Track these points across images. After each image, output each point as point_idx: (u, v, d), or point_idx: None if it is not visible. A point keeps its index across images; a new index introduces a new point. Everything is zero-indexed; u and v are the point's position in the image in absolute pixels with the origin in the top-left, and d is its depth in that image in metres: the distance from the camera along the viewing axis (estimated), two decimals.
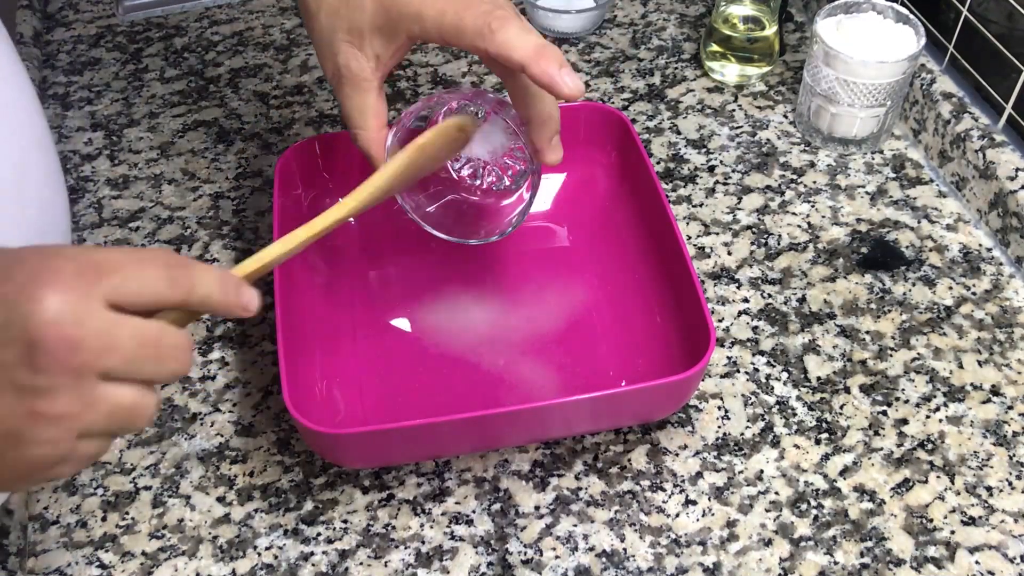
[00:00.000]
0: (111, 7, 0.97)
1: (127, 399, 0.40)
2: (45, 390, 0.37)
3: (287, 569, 0.58)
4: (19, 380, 0.37)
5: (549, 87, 0.51)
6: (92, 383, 0.38)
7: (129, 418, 0.40)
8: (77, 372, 0.37)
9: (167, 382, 0.41)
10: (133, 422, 0.40)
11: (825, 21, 0.77)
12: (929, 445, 0.62)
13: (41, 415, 0.37)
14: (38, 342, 0.37)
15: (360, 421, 0.62)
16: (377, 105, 0.57)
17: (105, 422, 0.39)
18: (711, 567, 0.57)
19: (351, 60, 0.55)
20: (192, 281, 0.41)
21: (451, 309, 0.69)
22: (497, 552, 0.58)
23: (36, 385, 0.37)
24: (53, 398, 0.37)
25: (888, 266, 0.72)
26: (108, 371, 0.39)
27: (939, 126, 0.77)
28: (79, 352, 0.37)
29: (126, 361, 0.39)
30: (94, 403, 0.39)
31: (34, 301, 0.37)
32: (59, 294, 0.37)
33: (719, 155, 0.80)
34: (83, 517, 0.60)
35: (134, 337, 0.39)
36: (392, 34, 0.54)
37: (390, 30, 0.54)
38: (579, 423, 0.61)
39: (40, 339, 0.37)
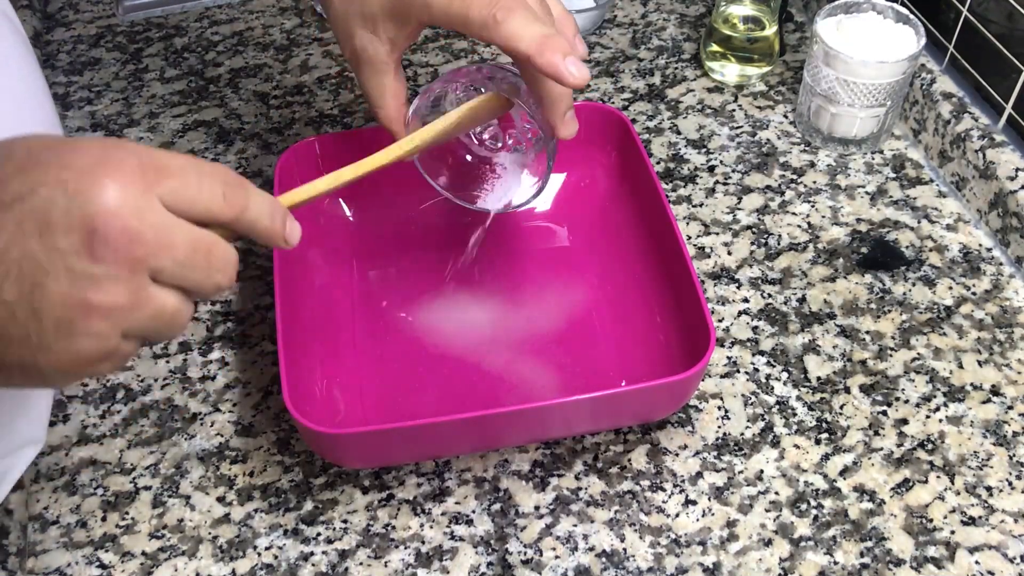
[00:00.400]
0: (111, 7, 0.97)
1: (170, 304, 0.40)
2: (100, 280, 0.37)
3: (287, 569, 0.58)
4: (75, 268, 0.36)
5: (555, 77, 0.51)
6: (144, 280, 0.38)
7: (168, 324, 0.40)
8: (132, 266, 0.37)
9: (209, 295, 0.42)
10: (170, 329, 0.40)
11: (825, 21, 0.77)
12: (929, 445, 0.62)
13: (94, 306, 0.37)
14: (98, 230, 0.36)
15: (360, 421, 0.62)
16: (395, 85, 0.58)
17: (146, 324, 0.39)
18: (711, 567, 0.57)
19: (367, 44, 0.57)
20: (246, 202, 0.41)
21: (451, 309, 0.69)
22: (497, 552, 0.58)
23: (92, 274, 0.37)
24: (107, 289, 0.37)
25: (888, 266, 0.72)
26: (160, 271, 0.39)
27: (939, 126, 0.77)
28: (137, 244, 0.37)
29: (178, 263, 0.39)
30: (143, 302, 0.38)
31: (96, 189, 0.37)
32: (121, 186, 0.37)
33: (719, 155, 0.80)
34: (83, 517, 0.60)
35: (188, 241, 0.39)
36: (403, 19, 0.55)
37: (401, 16, 0.55)
38: (579, 423, 0.61)
39: (100, 228, 0.36)
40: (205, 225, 0.41)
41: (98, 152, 0.38)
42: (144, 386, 0.67)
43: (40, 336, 0.37)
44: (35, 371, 0.38)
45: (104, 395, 0.66)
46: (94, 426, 0.65)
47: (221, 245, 0.41)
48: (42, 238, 0.36)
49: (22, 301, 0.36)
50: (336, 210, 0.72)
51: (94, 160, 0.37)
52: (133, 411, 0.66)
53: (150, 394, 0.66)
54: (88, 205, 0.36)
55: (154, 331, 0.40)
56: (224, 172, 0.41)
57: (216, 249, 0.41)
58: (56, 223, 0.36)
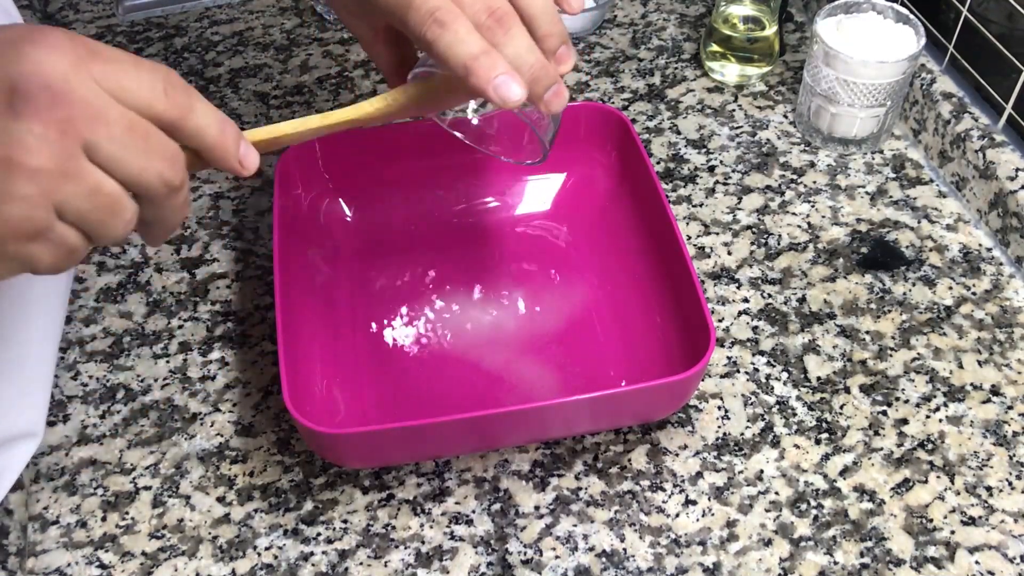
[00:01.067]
0: (111, 7, 0.97)
1: (109, 186, 0.38)
2: (23, 136, 0.35)
3: (287, 569, 0.58)
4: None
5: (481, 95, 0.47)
6: (75, 150, 0.37)
7: (108, 209, 0.38)
8: (60, 128, 0.36)
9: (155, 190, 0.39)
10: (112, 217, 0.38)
11: (825, 21, 0.77)
12: (929, 445, 0.62)
13: (17, 164, 0.36)
14: (19, 87, 0.35)
15: (360, 421, 0.62)
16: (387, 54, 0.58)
17: (83, 203, 0.37)
18: (711, 567, 0.57)
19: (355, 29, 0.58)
20: (190, 103, 0.40)
21: (451, 309, 0.69)
22: (497, 552, 0.58)
23: (15, 130, 0.35)
24: (30, 147, 0.36)
25: (888, 266, 0.72)
26: (94, 146, 0.37)
27: (939, 126, 0.77)
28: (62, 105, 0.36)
29: (111, 139, 0.37)
30: (75, 172, 0.37)
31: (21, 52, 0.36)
32: (47, 53, 0.36)
33: (719, 155, 0.80)
34: (83, 517, 0.60)
35: (123, 118, 0.37)
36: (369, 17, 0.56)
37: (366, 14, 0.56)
38: (579, 423, 0.61)
39: (22, 85, 0.35)
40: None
41: (28, 27, 0.37)
42: (144, 386, 0.67)
43: None
44: None
45: (104, 395, 0.66)
46: (94, 426, 0.65)
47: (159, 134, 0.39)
48: None
49: None
50: (336, 210, 0.72)
51: (24, 31, 0.37)
52: (133, 411, 0.66)
53: (150, 394, 0.66)
54: (10, 66, 0.36)
55: (93, 214, 0.38)
56: (167, 71, 0.39)
57: (155, 134, 0.38)
58: None
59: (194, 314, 0.71)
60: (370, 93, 0.86)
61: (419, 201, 0.73)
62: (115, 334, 0.70)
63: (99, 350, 0.69)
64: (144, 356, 0.69)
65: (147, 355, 0.69)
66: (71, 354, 0.68)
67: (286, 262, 0.63)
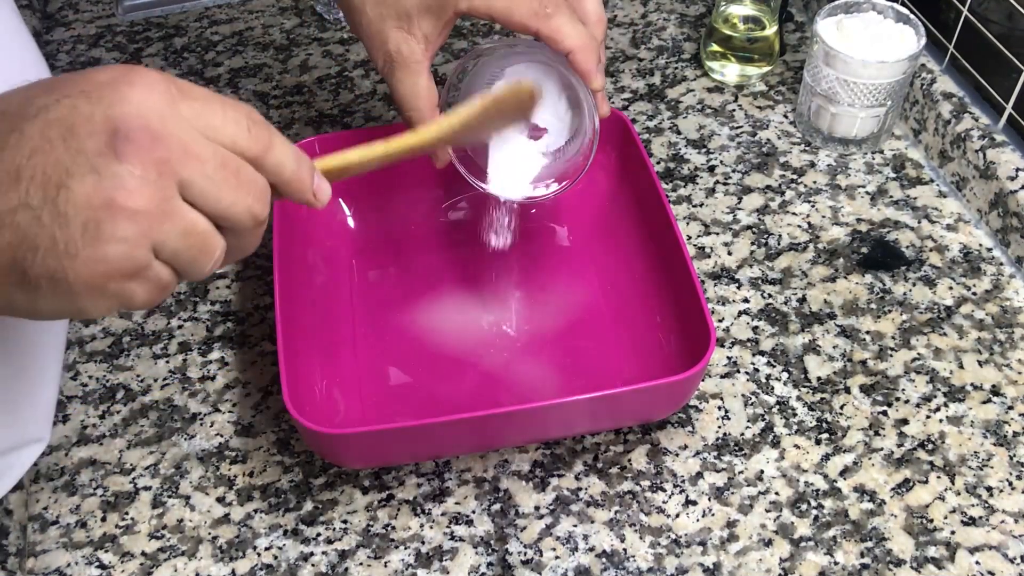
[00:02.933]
0: (111, 7, 0.97)
1: (201, 224, 0.39)
2: (125, 179, 0.36)
3: (287, 569, 0.58)
4: (100, 167, 0.36)
5: (584, 78, 0.56)
6: (172, 190, 0.37)
7: (200, 247, 0.39)
8: (158, 168, 0.37)
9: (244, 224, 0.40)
10: (203, 254, 0.39)
11: (825, 21, 0.77)
12: (929, 445, 0.62)
13: (119, 206, 0.36)
14: (121, 129, 0.36)
15: (360, 421, 0.62)
16: (428, 86, 0.59)
17: (177, 241, 0.38)
18: (711, 567, 0.57)
19: (402, 44, 0.57)
20: (271, 140, 0.41)
21: (451, 309, 0.69)
22: (497, 552, 0.58)
23: (117, 172, 0.36)
24: (132, 189, 0.36)
25: (888, 266, 0.72)
26: (188, 183, 0.38)
27: (939, 126, 0.77)
28: (161, 145, 0.37)
29: (205, 176, 0.38)
30: (171, 212, 0.38)
31: (119, 94, 0.37)
32: (144, 94, 0.37)
33: (719, 155, 0.80)
34: (83, 517, 0.60)
35: (215, 155, 0.38)
36: (440, 12, 0.56)
37: (438, 8, 0.56)
38: (579, 423, 0.61)
39: (123, 127, 0.36)
40: None
41: (122, 68, 0.38)
42: (144, 386, 0.67)
43: (67, 241, 0.36)
44: (64, 285, 0.37)
45: (104, 395, 0.66)
46: (94, 426, 0.65)
47: (249, 168, 0.40)
48: (66, 143, 0.36)
49: (47, 204, 0.36)
50: (336, 210, 0.72)
51: (119, 73, 0.38)
52: (133, 411, 0.66)
53: (150, 394, 0.66)
54: (111, 108, 0.36)
55: (186, 253, 0.39)
56: (249, 108, 0.41)
57: (245, 169, 0.40)
58: (80, 127, 0.36)
59: (194, 314, 0.71)
60: (370, 93, 0.86)
61: (419, 201, 0.73)
62: (115, 334, 0.70)
63: (99, 350, 0.69)
64: (144, 356, 0.69)
65: (147, 355, 0.69)
66: (71, 354, 0.68)
67: (286, 262, 0.63)
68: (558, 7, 0.55)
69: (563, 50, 0.55)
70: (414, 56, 0.57)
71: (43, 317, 0.40)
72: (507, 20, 0.55)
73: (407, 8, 0.56)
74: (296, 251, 0.65)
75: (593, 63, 0.56)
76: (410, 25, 0.57)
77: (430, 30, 0.57)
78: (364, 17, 0.58)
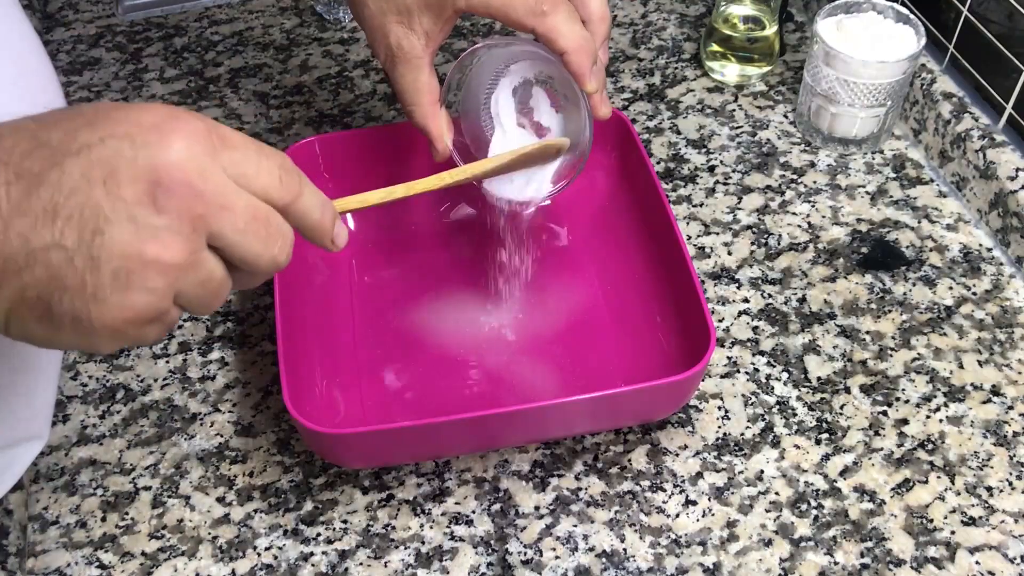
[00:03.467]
0: (111, 7, 0.97)
1: (219, 274, 0.39)
2: (161, 233, 0.37)
3: (287, 569, 0.58)
4: (138, 218, 0.36)
5: (577, 79, 0.56)
6: (202, 242, 0.38)
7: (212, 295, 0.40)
8: (193, 223, 0.37)
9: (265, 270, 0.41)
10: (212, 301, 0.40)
11: (825, 21, 0.77)
12: (929, 445, 0.62)
13: (152, 260, 0.37)
14: (162, 182, 0.36)
15: (360, 421, 0.62)
16: (429, 81, 0.59)
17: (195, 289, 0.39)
18: (711, 567, 0.57)
19: (402, 39, 0.57)
20: (301, 189, 0.41)
21: (451, 309, 0.69)
22: (497, 552, 0.58)
23: (154, 225, 0.36)
24: (167, 243, 0.37)
25: (888, 266, 0.72)
26: (219, 235, 0.38)
27: (939, 126, 0.77)
28: (199, 201, 0.37)
29: (237, 230, 0.39)
30: (197, 264, 0.38)
31: (163, 143, 0.37)
32: (187, 144, 0.37)
33: (719, 155, 0.80)
34: (83, 517, 0.60)
35: (248, 207, 0.39)
36: (440, 9, 0.56)
37: (438, 5, 0.56)
38: (579, 423, 0.61)
39: (165, 179, 0.36)
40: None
41: (166, 112, 0.38)
42: (144, 386, 0.67)
43: (96, 286, 0.36)
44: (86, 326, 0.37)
45: (104, 395, 0.66)
46: (94, 426, 0.65)
47: (278, 218, 0.41)
48: (107, 186, 0.36)
49: (81, 247, 0.36)
50: None
51: (162, 118, 0.38)
52: (133, 411, 0.66)
53: (150, 394, 0.66)
54: (155, 157, 0.36)
55: (200, 299, 0.39)
56: (282, 157, 0.41)
57: (274, 220, 0.40)
58: (122, 172, 0.36)
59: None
60: (370, 93, 0.86)
61: (419, 201, 0.73)
62: None
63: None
64: (144, 356, 0.69)
65: (147, 355, 0.69)
66: (71, 354, 0.68)
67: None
68: (556, 5, 0.54)
69: (558, 50, 0.55)
70: (414, 51, 0.58)
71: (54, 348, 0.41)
72: (505, 17, 0.55)
73: (407, 4, 0.56)
74: (296, 251, 0.65)
75: (587, 65, 0.55)
76: (411, 20, 0.57)
77: (431, 26, 0.57)
78: (366, 10, 0.58)
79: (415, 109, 0.59)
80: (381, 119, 0.84)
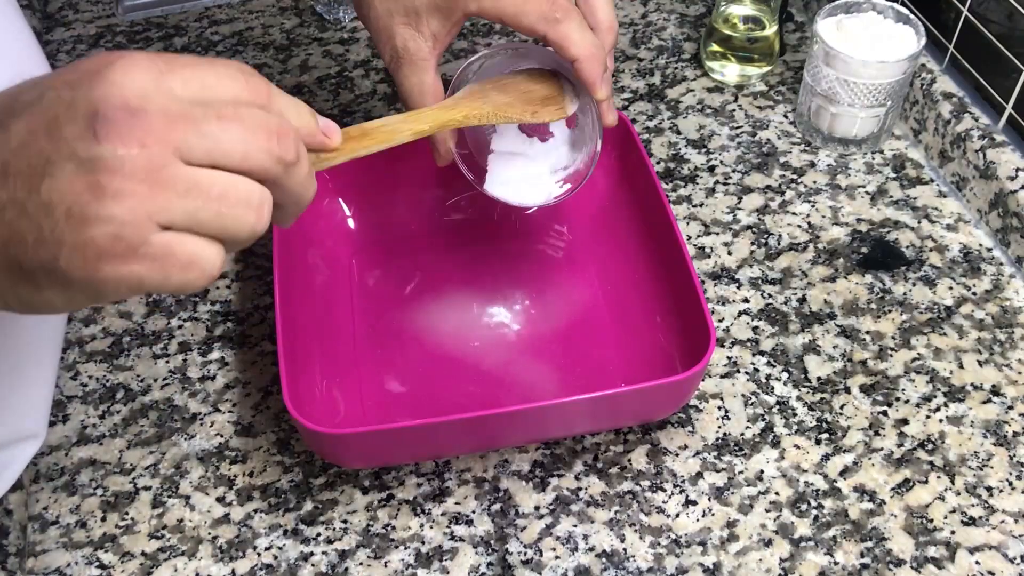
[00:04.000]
0: (111, 7, 0.97)
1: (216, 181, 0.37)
2: (108, 160, 0.35)
3: (287, 569, 0.58)
4: (81, 152, 0.35)
5: (589, 87, 0.56)
6: (165, 159, 0.36)
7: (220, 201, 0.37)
8: (142, 141, 0.35)
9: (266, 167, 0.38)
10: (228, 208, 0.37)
11: (825, 21, 0.77)
12: (929, 445, 0.62)
13: (103, 188, 0.35)
14: (99, 112, 0.35)
15: (360, 421, 0.62)
16: (434, 84, 0.59)
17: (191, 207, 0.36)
18: (711, 567, 0.57)
19: (409, 41, 0.57)
20: (269, 90, 0.40)
21: (451, 309, 0.69)
22: (497, 552, 0.58)
23: (98, 155, 0.35)
24: (114, 170, 0.35)
25: (888, 266, 0.72)
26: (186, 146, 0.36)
27: (939, 126, 0.77)
28: (141, 119, 0.36)
29: (203, 134, 0.37)
30: (169, 181, 0.36)
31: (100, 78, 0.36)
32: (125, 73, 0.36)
33: (719, 155, 0.80)
34: (83, 517, 0.60)
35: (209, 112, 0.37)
36: (449, 12, 0.56)
37: (447, 8, 0.56)
38: (579, 423, 0.61)
39: (102, 108, 0.35)
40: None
41: (107, 54, 0.37)
42: (144, 386, 0.67)
43: (53, 230, 0.35)
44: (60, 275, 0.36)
45: (104, 395, 0.66)
46: (94, 426, 0.65)
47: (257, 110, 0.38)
48: (49, 133, 0.36)
49: (32, 196, 0.35)
50: (336, 210, 0.72)
51: (102, 60, 0.37)
52: (133, 411, 0.66)
53: (150, 394, 0.66)
54: (91, 93, 0.36)
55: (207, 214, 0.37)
56: (240, 63, 0.40)
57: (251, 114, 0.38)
58: (61, 116, 0.36)
59: (194, 314, 0.71)
60: (370, 93, 0.86)
61: (419, 201, 0.73)
62: (115, 334, 0.70)
63: (99, 350, 0.69)
64: (144, 356, 0.69)
65: (147, 355, 0.69)
66: (71, 354, 0.68)
67: (286, 262, 0.63)
68: (568, 13, 0.54)
69: (569, 58, 0.55)
70: (420, 53, 0.57)
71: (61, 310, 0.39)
72: (516, 23, 0.55)
73: (416, 5, 0.56)
74: (296, 251, 0.65)
75: (598, 73, 0.55)
76: (418, 22, 0.56)
77: (438, 28, 0.57)
78: (372, 11, 0.58)
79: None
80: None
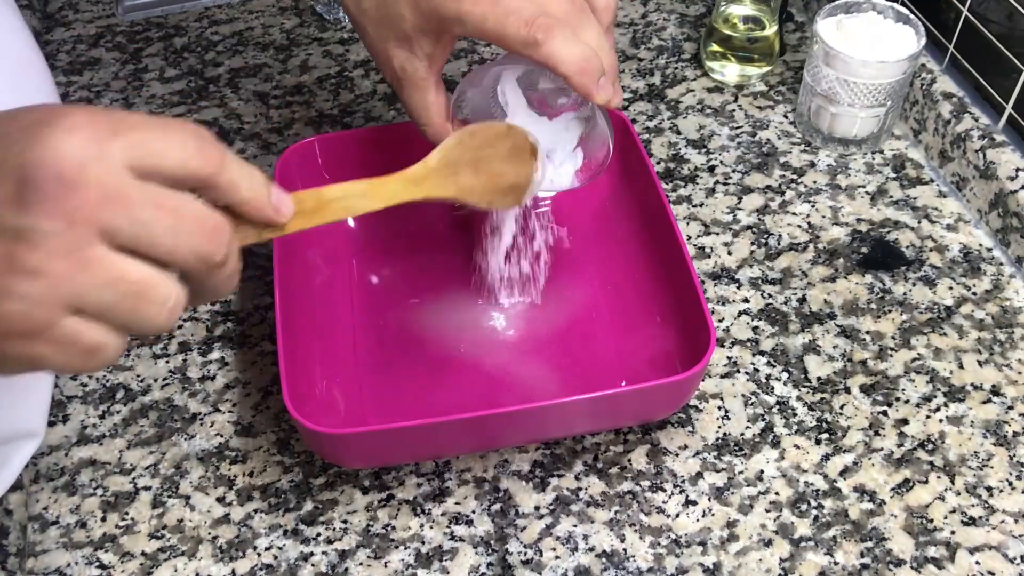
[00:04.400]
0: (111, 7, 0.97)
1: (134, 272, 0.35)
2: (30, 233, 0.33)
3: (287, 569, 0.58)
4: (5, 219, 0.33)
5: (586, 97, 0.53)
6: (88, 240, 0.34)
7: (137, 297, 0.35)
8: (68, 219, 0.33)
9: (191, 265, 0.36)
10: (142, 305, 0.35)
11: (825, 21, 0.77)
12: (929, 445, 0.62)
13: (21, 263, 0.33)
14: (29, 179, 0.33)
15: (360, 421, 0.62)
16: (437, 100, 0.58)
17: (105, 295, 0.34)
18: (711, 567, 0.57)
19: (406, 63, 0.57)
20: (223, 158, 0.37)
21: (451, 309, 0.69)
22: (497, 552, 0.58)
23: (21, 225, 0.33)
24: (36, 245, 0.33)
25: (888, 266, 0.72)
26: (113, 230, 0.34)
27: (939, 126, 0.77)
28: (74, 194, 0.33)
29: (134, 221, 0.34)
30: (89, 265, 0.34)
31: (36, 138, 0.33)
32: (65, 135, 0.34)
33: (719, 155, 0.80)
34: (83, 517, 0.60)
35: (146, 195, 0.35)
36: (438, 34, 0.56)
37: (434, 31, 0.55)
38: (579, 423, 0.61)
39: (31, 175, 0.33)
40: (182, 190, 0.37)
41: (50, 108, 0.35)
42: (144, 386, 0.67)
43: None
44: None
45: (104, 395, 0.66)
46: (94, 426, 0.65)
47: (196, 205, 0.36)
48: None
49: None
50: None
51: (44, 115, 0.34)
52: (133, 411, 0.66)
53: (150, 394, 0.66)
54: (23, 154, 0.33)
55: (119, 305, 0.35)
56: (196, 128, 0.37)
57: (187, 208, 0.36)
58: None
59: (194, 314, 0.71)
60: (370, 93, 0.86)
61: (419, 201, 0.73)
62: None
63: None
64: (144, 356, 0.69)
65: (147, 355, 0.69)
66: None
67: (286, 262, 0.63)
68: (548, 31, 0.51)
69: (559, 75, 0.52)
70: (419, 74, 0.57)
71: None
72: (500, 44, 0.53)
73: (405, 30, 0.55)
74: (296, 251, 0.65)
75: (592, 84, 0.52)
76: (411, 45, 0.56)
77: (431, 49, 0.56)
78: (367, 37, 0.58)
79: (427, 128, 0.59)
80: (381, 119, 0.84)
